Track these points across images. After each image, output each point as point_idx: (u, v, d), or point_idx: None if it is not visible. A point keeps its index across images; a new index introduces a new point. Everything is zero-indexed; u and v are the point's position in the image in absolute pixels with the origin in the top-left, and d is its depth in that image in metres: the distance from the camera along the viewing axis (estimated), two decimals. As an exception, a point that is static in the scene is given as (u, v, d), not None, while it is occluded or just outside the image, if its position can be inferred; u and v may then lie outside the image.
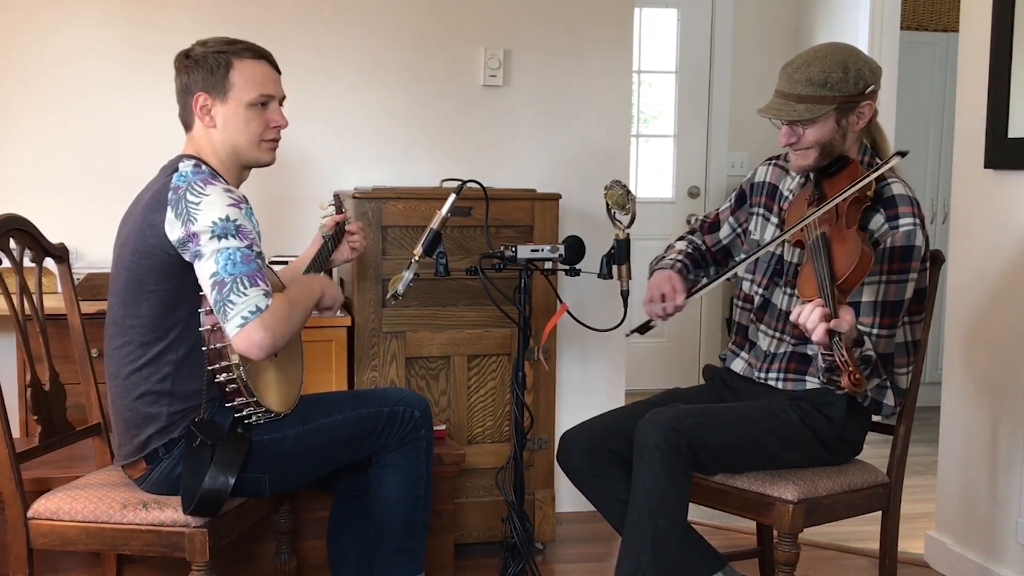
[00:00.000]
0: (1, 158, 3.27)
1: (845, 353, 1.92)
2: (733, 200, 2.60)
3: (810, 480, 2.31)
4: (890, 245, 2.21)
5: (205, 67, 2.20)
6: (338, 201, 2.66)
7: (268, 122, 2.26)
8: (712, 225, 2.63)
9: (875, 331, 2.22)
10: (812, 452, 2.35)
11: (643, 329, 2.44)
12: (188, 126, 2.26)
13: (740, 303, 2.54)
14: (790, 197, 2.45)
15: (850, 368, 1.91)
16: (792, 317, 2.05)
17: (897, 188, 2.27)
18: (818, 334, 1.95)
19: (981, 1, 3.02)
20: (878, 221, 2.24)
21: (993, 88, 2.93)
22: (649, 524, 2.18)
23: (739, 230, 2.58)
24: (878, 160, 2.33)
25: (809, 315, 1.98)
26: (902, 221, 2.22)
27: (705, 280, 2.54)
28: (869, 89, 2.26)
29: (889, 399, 2.38)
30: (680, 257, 2.58)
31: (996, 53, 2.92)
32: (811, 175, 2.37)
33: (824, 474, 2.35)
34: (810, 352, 2.35)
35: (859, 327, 2.16)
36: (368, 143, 3.49)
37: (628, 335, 2.51)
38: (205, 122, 2.22)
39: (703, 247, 2.62)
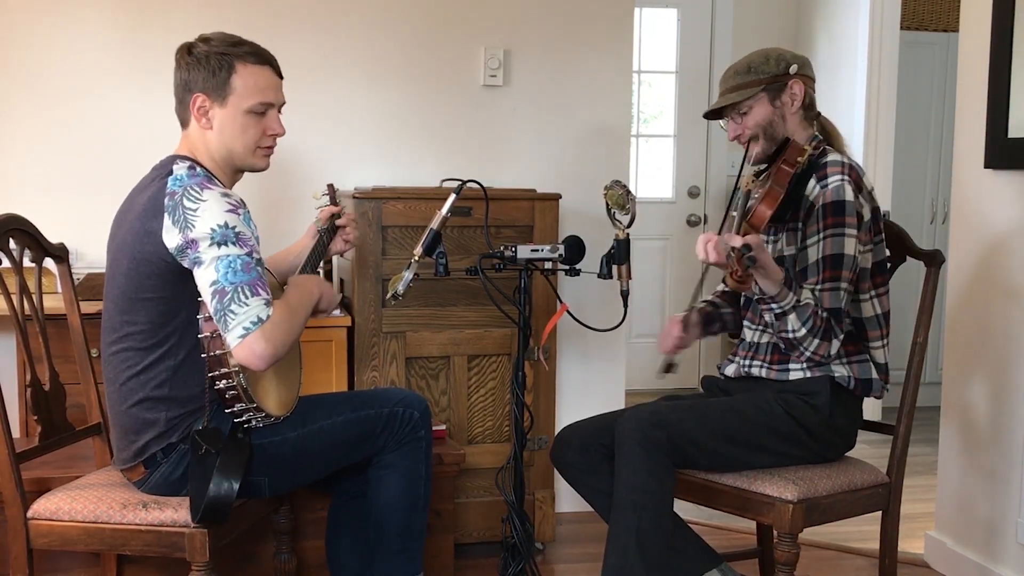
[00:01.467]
0: (1, 158, 3.27)
1: (735, 259, 2.04)
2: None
3: (810, 480, 2.31)
4: (822, 203, 2.32)
5: (207, 67, 2.17)
6: (331, 191, 2.65)
7: (265, 129, 2.24)
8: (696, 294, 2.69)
9: (819, 287, 2.30)
10: (801, 442, 2.35)
11: (667, 369, 2.55)
12: (184, 123, 2.25)
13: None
14: None
15: (735, 268, 2.04)
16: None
17: (832, 156, 2.39)
18: (711, 254, 2.10)
19: (981, 1, 3.02)
20: (811, 186, 2.36)
21: (993, 88, 2.93)
22: (633, 519, 2.19)
23: None
24: (827, 147, 2.44)
25: (700, 246, 2.14)
26: (831, 180, 2.33)
27: (698, 303, 2.63)
28: (792, 68, 2.41)
29: (874, 374, 2.40)
30: (712, 298, 2.67)
31: (996, 53, 2.92)
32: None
33: (824, 474, 2.35)
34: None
35: (806, 287, 2.29)
36: (368, 143, 3.49)
37: (658, 377, 2.60)
38: (202, 124, 2.20)
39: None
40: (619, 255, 2.46)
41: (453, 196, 2.46)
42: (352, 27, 3.45)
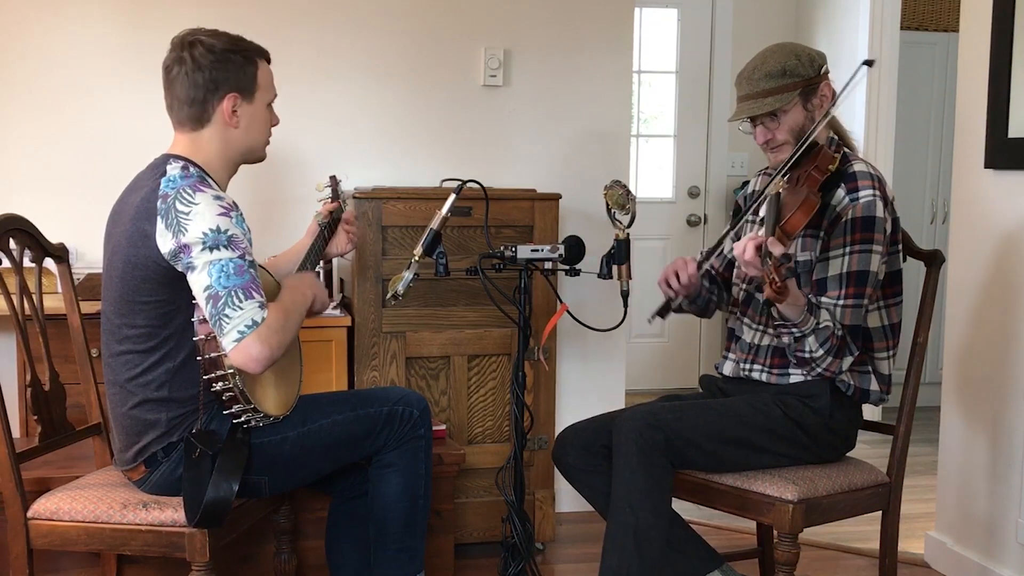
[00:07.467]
0: (1, 158, 3.27)
1: (772, 268, 2.00)
2: (731, 217, 2.66)
3: (810, 480, 2.31)
4: (851, 216, 2.28)
5: (235, 65, 2.19)
6: (334, 183, 2.65)
7: (272, 121, 2.31)
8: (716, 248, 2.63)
9: (841, 302, 2.27)
10: (800, 444, 2.35)
11: (663, 311, 2.49)
12: (199, 124, 2.20)
13: (732, 309, 2.56)
14: None
15: (773, 278, 1.99)
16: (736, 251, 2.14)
17: (859, 166, 2.34)
18: (748, 252, 2.07)
19: (981, 1, 3.02)
20: (839, 196, 2.30)
21: (993, 88, 2.93)
22: (631, 520, 2.19)
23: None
24: (846, 150, 2.40)
25: (743, 243, 2.09)
26: (862, 193, 2.28)
27: (706, 252, 2.55)
28: (823, 69, 2.36)
29: (873, 385, 2.40)
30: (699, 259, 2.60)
31: (996, 53, 2.92)
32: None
33: (824, 474, 2.35)
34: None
35: (825, 299, 2.27)
36: (368, 143, 3.49)
37: (650, 320, 2.54)
38: (232, 123, 2.21)
39: (713, 271, 2.65)
40: (619, 255, 2.46)
41: (453, 196, 2.46)
42: (352, 27, 3.45)
